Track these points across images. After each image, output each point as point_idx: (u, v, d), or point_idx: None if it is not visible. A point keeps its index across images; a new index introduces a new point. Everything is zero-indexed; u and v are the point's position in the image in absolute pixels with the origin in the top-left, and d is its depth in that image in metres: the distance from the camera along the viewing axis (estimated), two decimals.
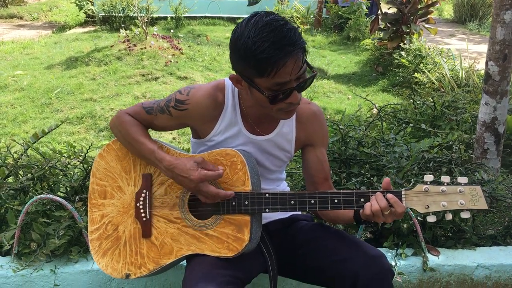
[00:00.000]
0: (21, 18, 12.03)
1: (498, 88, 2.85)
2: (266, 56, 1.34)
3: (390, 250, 2.11)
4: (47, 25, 11.27)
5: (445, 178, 1.44)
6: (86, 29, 10.58)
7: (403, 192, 1.46)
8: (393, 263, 2.03)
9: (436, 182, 1.47)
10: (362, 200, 1.47)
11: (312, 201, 1.50)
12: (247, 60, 1.38)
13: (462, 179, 1.43)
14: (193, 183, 1.50)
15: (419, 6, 7.22)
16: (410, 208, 1.46)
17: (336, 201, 1.49)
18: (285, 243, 1.72)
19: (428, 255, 2.09)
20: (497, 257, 2.12)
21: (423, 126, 3.02)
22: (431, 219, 1.45)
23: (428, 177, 1.45)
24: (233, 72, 1.51)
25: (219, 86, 1.62)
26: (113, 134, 1.72)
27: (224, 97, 1.61)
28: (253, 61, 1.36)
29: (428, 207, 1.44)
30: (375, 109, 3.78)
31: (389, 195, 1.44)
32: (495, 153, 2.93)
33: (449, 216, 1.44)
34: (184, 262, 1.90)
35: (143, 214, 1.65)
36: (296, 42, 1.37)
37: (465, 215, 1.42)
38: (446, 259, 2.10)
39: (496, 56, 2.82)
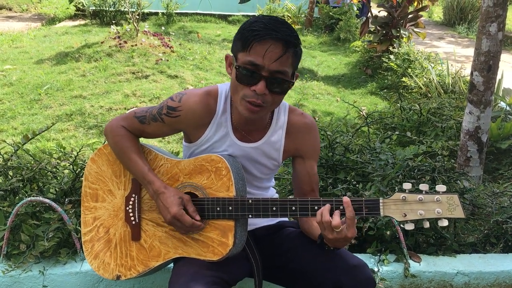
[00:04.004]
0: (10, 9, 11.90)
1: (482, 98, 2.92)
2: (253, 29, 1.46)
3: (373, 256, 2.17)
4: (36, 17, 11.16)
5: (424, 187, 1.46)
6: (76, 23, 10.50)
7: (381, 201, 1.48)
8: (376, 269, 2.08)
9: (415, 190, 1.48)
10: (342, 207, 1.49)
11: (293, 208, 1.54)
12: (239, 33, 1.50)
13: (440, 188, 1.45)
14: (169, 215, 1.56)
15: (409, 10, 7.30)
16: (388, 216, 1.49)
17: (316, 208, 1.52)
18: (272, 249, 1.76)
19: (410, 261, 2.15)
20: (477, 265, 2.19)
21: (408, 134, 3.09)
22: (409, 227, 1.47)
23: (407, 185, 1.47)
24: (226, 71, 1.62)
25: (211, 93, 1.65)
26: (107, 142, 1.74)
27: (216, 103, 1.65)
28: (243, 34, 1.48)
29: (406, 215, 1.45)
30: (363, 113, 3.84)
31: (344, 198, 1.47)
32: (477, 161, 3.01)
33: (426, 224, 1.46)
34: (171, 265, 1.94)
35: (132, 218, 1.69)
36: (284, 36, 1.46)
37: (442, 223, 1.44)
38: (427, 266, 2.16)
39: (481, 67, 2.89)
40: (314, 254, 1.66)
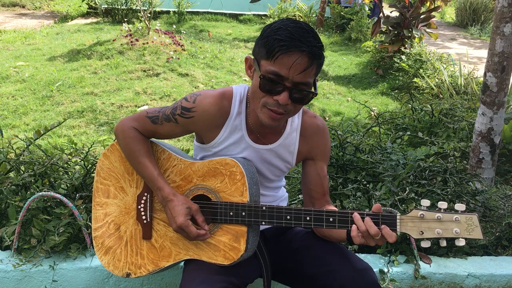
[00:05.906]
0: (23, 6, 12.01)
1: (496, 99, 2.89)
2: (279, 38, 1.41)
3: (383, 257, 2.16)
4: (49, 14, 11.24)
5: (442, 205, 1.41)
6: (89, 21, 10.57)
7: (398, 217, 1.43)
8: (386, 270, 2.07)
9: (433, 208, 1.44)
10: (364, 216, 1.45)
11: (308, 218, 1.51)
12: (264, 39, 1.46)
13: (460, 207, 1.40)
14: (175, 224, 1.56)
15: (421, 11, 7.24)
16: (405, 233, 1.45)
17: (331, 219, 1.49)
18: (280, 249, 1.75)
19: (420, 262, 2.13)
20: (488, 267, 2.17)
21: (420, 134, 3.06)
22: (425, 244, 1.42)
23: (425, 202, 1.43)
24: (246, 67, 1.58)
25: (225, 94, 1.63)
26: (117, 142, 1.73)
27: (230, 105, 1.63)
28: (268, 41, 1.44)
29: (423, 233, 1.41)
30: (374, 113, 3.82)
31: (383, 227, 1.42)
32: (490, 162, 2.98)
33: (443, 243, 1.41)
34: (180, 264, 1.94)
35: (144, 217, 1.69)
36: (311, 48, 1.42)
37: (459, 243, 1.39)
38: (437, 267, 2.14)
39: (494, 68, 2.86)
40: (320, 257, 1.65)
